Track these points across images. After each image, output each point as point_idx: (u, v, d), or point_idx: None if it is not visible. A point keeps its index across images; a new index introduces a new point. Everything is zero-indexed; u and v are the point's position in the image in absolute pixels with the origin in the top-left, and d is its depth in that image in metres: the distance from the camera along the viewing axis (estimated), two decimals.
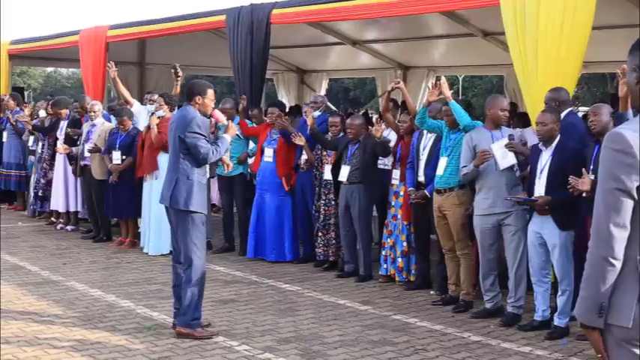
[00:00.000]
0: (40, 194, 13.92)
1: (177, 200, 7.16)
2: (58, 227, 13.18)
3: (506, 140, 7.75)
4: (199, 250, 7.22)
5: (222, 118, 7.70)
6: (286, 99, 18.48)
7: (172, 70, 10.93)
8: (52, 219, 13.61)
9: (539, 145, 7.45)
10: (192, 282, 7.15)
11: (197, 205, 7.19)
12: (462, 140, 8.17)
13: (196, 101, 7.26)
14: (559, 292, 7.39)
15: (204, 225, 7.32)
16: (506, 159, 7.75)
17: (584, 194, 6.77)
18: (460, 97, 33.67)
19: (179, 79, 11.04)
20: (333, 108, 18.89)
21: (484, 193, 7.91)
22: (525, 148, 7.96)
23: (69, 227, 13.09)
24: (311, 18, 11.96)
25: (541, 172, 7.35)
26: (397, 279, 9.53)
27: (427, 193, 8.75)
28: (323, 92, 19.25)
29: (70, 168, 12.84)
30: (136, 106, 12.27)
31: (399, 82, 9.44)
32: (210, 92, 7.34)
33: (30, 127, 14.13)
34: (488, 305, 8.10)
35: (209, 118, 7.50)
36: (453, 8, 11.06)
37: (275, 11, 11.36)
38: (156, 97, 11.80)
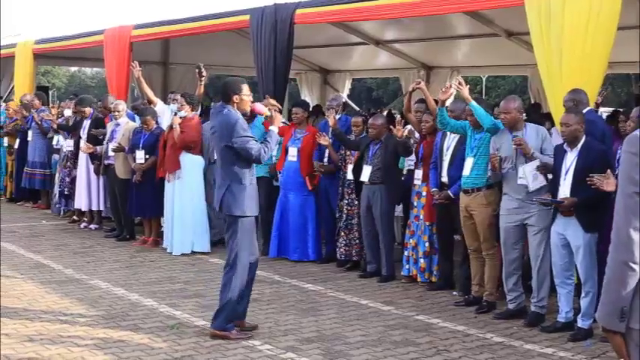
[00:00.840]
0: (65, 192, 14.00)
1: (228, 206, 7.12)
2: (82, 226, 13.23)
3: (537, 163, 7.68)
4: (244, 256, 7.18)
5: (263, 110, 7.61)
6: (309, 99, 18.48)
7: (196, 70, 10.98)
8: (75, 217, 13.67)
9: (564, 145, 7.41)
10: (232, 286, 7.14)
11: (248, 209, 7.16)
12: (487, 140, 8.14)
13: (234, 100, 7.17)
14: (582, 294, 7.35)
15: (254, 227, 7.29)
16: (537, 181, 7.71)
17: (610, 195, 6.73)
18: (483, 97, 33.56)
19: (203, 79, 11.07)
20: (357, 108, 18.89)
21: (509, 194, 7.89)
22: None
23: (92, 226, 13.14)
24: (334, 18, 11.96)
25: (566, 174, 7.31)
26: (419, 279, 9.51)
27: (450, 194, 8.71)
28: (346, 92, 19.27)
29: (92, 167, 12.89)
30: (159, 106, 12.31)
31: (419, 83, 9.43)
32: (246, 87, 7.27)
33: (55, 126, 14.19)
34: (510, 306, 8.07)
35: (250, 113, 7.43)
36: (477, 8, 11.03)
37: (299, 11, 11.35)
38: (178, 97, 11.84)
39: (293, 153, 10.65)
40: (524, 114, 8.24)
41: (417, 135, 9.98)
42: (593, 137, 7.46)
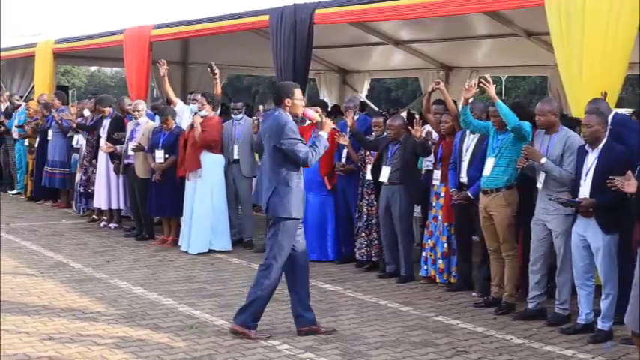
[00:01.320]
0: (81, 191, 14.06)
1: (274, 207, 7.15)
2: (101, 225, 13.28)
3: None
4: (281, 258, 7.21)
5: (314, 115, 7.58)
6: (328, 99, 18.48)
7: (209, 69, 11.13)
8: (94, 217, 13.71)
9: (585, 146, 7.38)
10: (264, 285, 7.16)
11: (293, 211, 7.17)
12: (509, 141, 8.11)
13: (285, 104, 7.20)
14: (602, 296, 7.32)
15: (297, 230, 7.30)
16: None
17: (629, 196, 6.69)
18: (503, 98, 33.44)
19: (217, 77, 11.22)
20: (376, 108, 18.87)
21: (538, 192, 7.91)
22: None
23: (112, 225, 13.18)
24: (354, 18, 11.95)
25: (586, 174, 7.28)
26: (438, 280, 9.50)
27: (470, 194, 8.69)
28: (365, 92, 19.26)
29: (112, 166, 12.93)
30: (179, 106, 12.35)
31: (439, 83, 9.41)
32: (298, 92, 7.29)
33: (74, 125, 14.24)
34: (530, 306, 8.03)
35: (301, 117, 7.44)
36: (497, 8, 11.01)
37: (318, 11, 11.35)
38: (199, 96, 11.87)
39: None
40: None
41: (434, 135, 9.96)
42: (630, 142, 7.43)
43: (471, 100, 8.72)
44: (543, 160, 7.63)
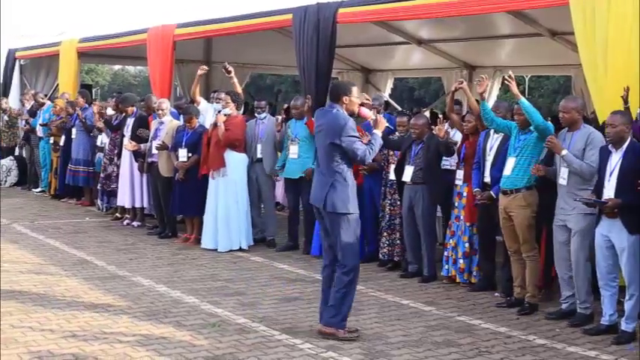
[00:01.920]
0: (99, 188, 14.13)
1: (334, 204, 7.13)
2: (125, 223, 13.33)
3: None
4: (356, 252, 7.25)
5: (369, 114, 7.60)
6: None
7: (223, 69, 11.21)
8: (117, 214, 13.77)
9: (609, 146, 7.34)
10: (347, 283, 7.16)
11: (353, 206, 7.20)
12: (532, 141, 8.09)
13: (343, 101, 7.24)
14: (626, 297, 7.28)
15: (358, 225, 7.32)
16: None
17: None
18: (526, 97, 33.31)
19: (232, 76, 11.27)
20: (398, 107, 18.86)
21: (558, 191, 7.88)
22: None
23: (135, 223, 13.23)
24: (377, 17, 11.94)
25: (610, 175, 7.23)
26: (458, 280, 9.48)
27: (493, 194, 8.66)
28: (388, 92, 19.24)
29: (136, 164, 12.99)
30: (202, 105, 12.38)
31: (462, 83, 9.40)
32: (355, 90, 7.35)
33: (99, 124, 14.27)
34: (564, 306, 8.03)
35: (356, 115, 7.42)
36: (521, 7, 10.97)
37: (341, 10, 11.33)
38: (222, 95, 11.90)
39: None
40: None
41: (454, 135, 9.93)
42: None
43: (489, 97, 8.70)
44: (564, 152, 7.61)
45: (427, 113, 14.29)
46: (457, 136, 10.06)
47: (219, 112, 11.40)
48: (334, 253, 7.29)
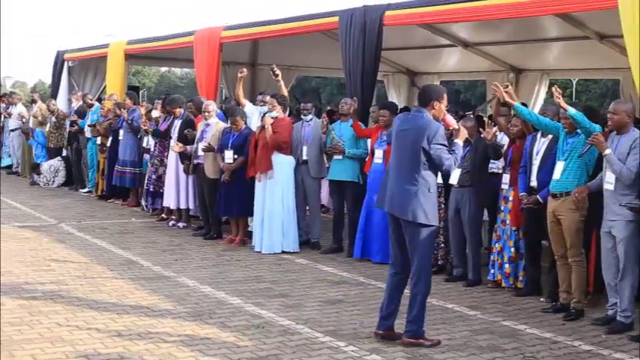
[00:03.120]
0: (150, 190, 14.23)
1: (416, 214, 6.96)
2: (170, 224, 13.41)
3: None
4: (428, 264, 7.17)
5: (453, 122, 7.49)
6: (397, 101, 18.42)
7: (271, 72, 11.27)
8: (163, 216, 13.86)
9: None
10: (423, 293, 7.10)
11: (432, 218, 7.05)
12: (580, 144, 8.01)
13: (433, 106, 7.10)
14: None
15: (435, 236, 7.25)
16: None
17: None
18: (574, 100, 33.06)
19: (279, 78, 11.32)
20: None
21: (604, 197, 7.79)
22: None
23: (180, 224, 13.31)
24: (424, 20, 11.90)
25: None
26: (504, 284, 9.41)
27: (539, 199, 8.60)
28: None
29: (182, 166, 13.06)
30: (248, 107, 12.43)
31: (506, 87, 9.33)
32: (445, 96, 7.22)
33: (145, 128, 14.35)
34: (610, 312, 7.93)
35: (439, 122, 7.26)
36: (569, 10, 10.86)
37: (388, 13, 11.31)
38: (267, 98, 11.94)
39: (379, 155, 10.63)
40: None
41: (502, 139, 9.88)
42: None
43: (536, 101, 8.66)
44: (608, 151, 7.54)
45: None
46: (505, 139, 9.98)
47: (264, 114, 11.44)
48: (405, 262, 7.21)
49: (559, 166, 8.20)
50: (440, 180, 9.90)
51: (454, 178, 9.63)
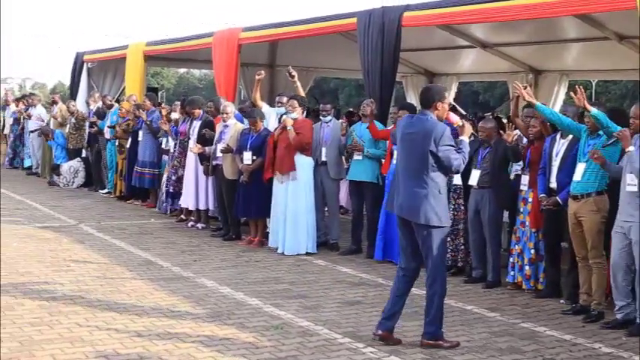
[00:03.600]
0: (170, 191, 14.26)
1: (428, 217, 6.95)
2: (189, 225, 13.44)
3: None
4: (442, 265, 7.15)
5: (457, 120, 7.53)
6: (415, 102, 18.38)
7: (287, 73, 11.31)
8: (182, 216, 13.89)
9: None
10: (440, 293, 7.10)
11: (444, 220, 7.07)
12: (601, 146, 7.98)
13: (436, 107, 7.09)
14: None
15: (447, 237, 7.23)
16: None
17: None
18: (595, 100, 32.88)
19: (295, 80, 11.36)
20: (463, 112, 18.72)
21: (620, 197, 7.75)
22: None
23: (199, 225, 13.33)
24: (443, 21, 11.86)
25: None
26: (524, 286, 9.38)
27: (559, 200, 8.57)
28: (452, 96, 19.10)
29: (201, 167, 13.09)
30: (264, 109, 12.44)
31: (525, 87, 9.28)
32: (447, 95, 7.26)
33: (165, 128, 14.40)
34: (618, 316, 7.87)
35: (444, 121, 7.27)
36: (588, 11, 10.82)
37: (406, 14, 11.30)
38: (285, 99, 11.95)
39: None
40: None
41: (524, 140, 9.84)
42: None
43: (556, 102, 8.63)
44: (631, 148, 7.50)
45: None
46: (523, 141, 9.95)
47: (282, 115, 11.46)
48: (414, 264, 7.22)
49: (580, 167, 8.16)
50: (459, 182, 9.92)
51: (473, 180, 9.62)
